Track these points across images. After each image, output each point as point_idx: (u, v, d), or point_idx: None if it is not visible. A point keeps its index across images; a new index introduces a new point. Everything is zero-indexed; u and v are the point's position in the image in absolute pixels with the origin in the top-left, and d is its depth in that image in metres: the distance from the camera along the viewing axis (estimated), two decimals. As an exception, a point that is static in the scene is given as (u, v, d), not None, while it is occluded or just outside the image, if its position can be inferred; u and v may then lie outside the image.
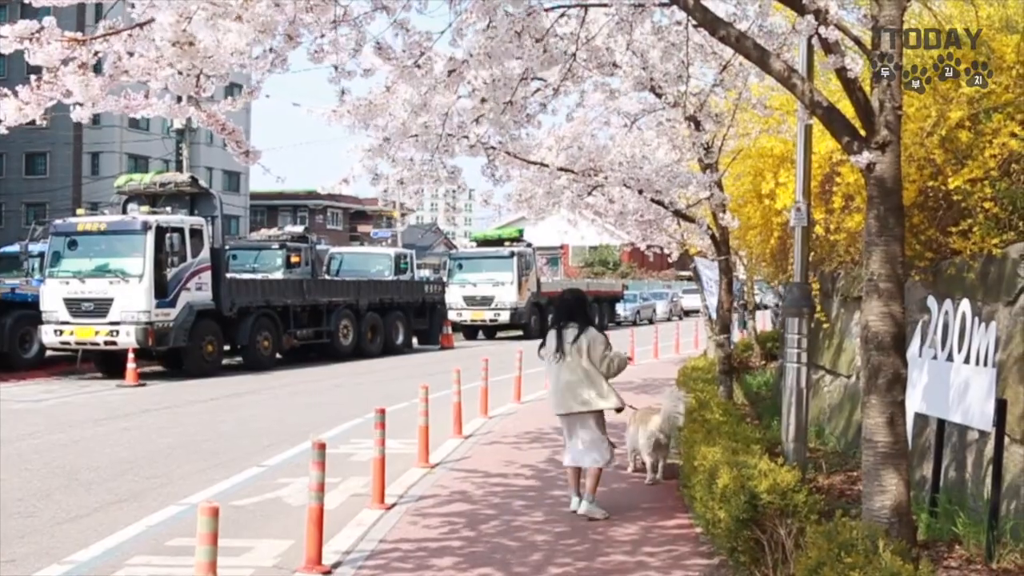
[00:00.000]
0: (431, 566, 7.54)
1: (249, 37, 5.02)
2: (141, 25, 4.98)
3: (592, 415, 9.15)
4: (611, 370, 9.10)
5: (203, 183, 26.65)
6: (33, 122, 5.66)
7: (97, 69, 5.30)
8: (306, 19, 5.11)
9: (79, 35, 4.98)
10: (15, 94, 5.22)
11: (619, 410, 9.32)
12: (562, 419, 9.32)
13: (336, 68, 5.63)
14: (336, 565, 7.57)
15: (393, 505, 9.47)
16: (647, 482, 10.49)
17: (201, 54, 4.88)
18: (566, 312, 9.33)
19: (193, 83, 5.09)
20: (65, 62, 5.01)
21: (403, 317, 31.41)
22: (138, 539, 8.51)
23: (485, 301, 37.59)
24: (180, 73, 4.95)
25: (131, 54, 5.09)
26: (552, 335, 9.22)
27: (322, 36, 5.37)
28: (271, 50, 5.17)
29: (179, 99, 5.92)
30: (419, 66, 6.20)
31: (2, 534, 8.62)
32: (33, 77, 5.21)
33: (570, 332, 9.12)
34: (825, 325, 12.26)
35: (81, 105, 5.33)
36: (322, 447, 7.42)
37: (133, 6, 5.05)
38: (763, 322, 26.24)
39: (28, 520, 9.14)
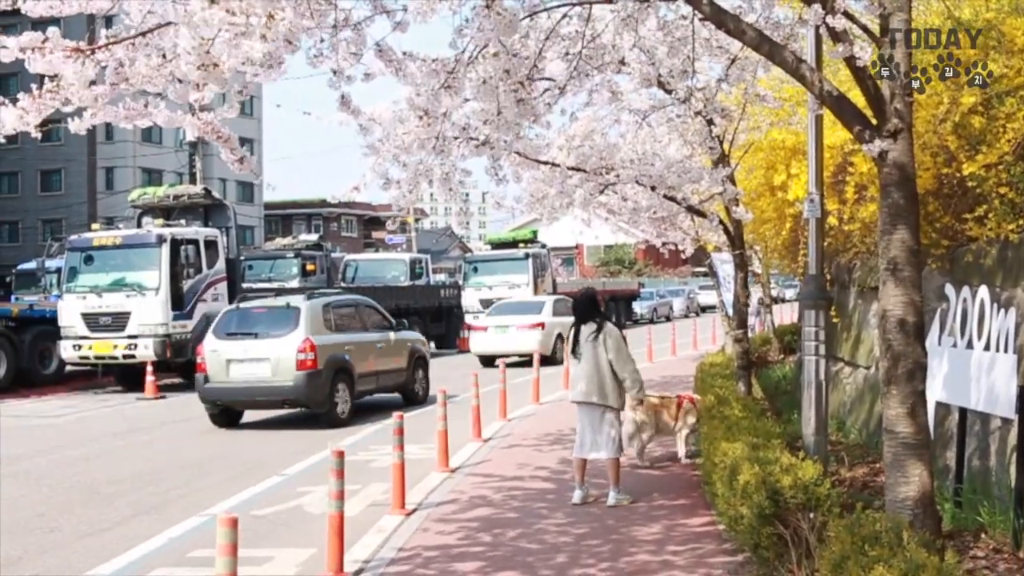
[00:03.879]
0: (453, 571, 7.51)
1: (263, 50, 5.01)
2: (144, 33, 4.97)
3: (600, 409, 9.52)
4: (622, 372, 9.49)
5: (217, 194, 26.75)
6: (46, 137, 5.67)
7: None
8: (305, 23, 5.08)
9: (81, 44, 4.97)
10: (15, 103, 5.22)
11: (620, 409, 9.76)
12: (577, 408, 9.79)
13: (335, 72, 5.62)
14: (358, 572, 7.56)
15: (413, 511, 9.45)
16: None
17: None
18: (581, 312, 9.84)
19: (193, 90, 5.08)
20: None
21: (419, 322, 31.28)
22: (160, 551, 8.52)
23: (502, 303, 37.46)
24: (180, 81, 4.94)
25: (133, 62, 5.08)
26: (571, 334, 9.78)
27: (321, 41, 5.35)
28: (268, 54, 5.15)
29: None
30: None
31: (25, 549, 8.64)
32: (34, 86, 5.20)
33: (586, 329, 9.60)
34: (836, 319, 12.18)
35: (80, 116, 5.32)
36: (341, 455, 7.40)
37: (128, 14, 5.03)
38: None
39: (50, 535, 9.16)
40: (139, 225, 24.44)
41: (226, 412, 16.36)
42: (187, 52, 4.88)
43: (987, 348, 7.46)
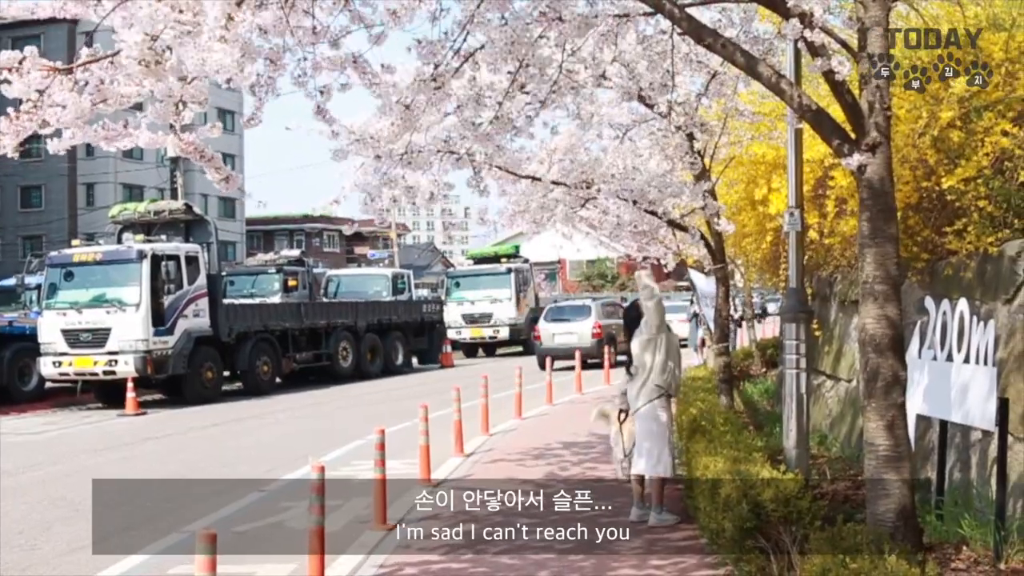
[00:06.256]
0: (435, 586, 7.49)
1: (235, 55, 4.98)
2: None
3: (646, 415, 9.14)
4: (659, 315, 9.14)
5: (198, 210, 26.67)
6: (26, 153, 5.63)
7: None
8: (288, 42, 5.07)
9: (58, 64, 4.94)
10: (-9, 124, 5.20)
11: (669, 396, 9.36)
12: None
13: (321, 92, 5.61)
14: (340, 588, 7.53)
15: (395, 526, 9.39)
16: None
17: (168, 72, 4.83)
18: (631, 326, 9.51)
19: (173, 110, 5.05)
20: (41, 93, 4.97)
21: (402, 337, 31.31)
22: (141, 568, 8.46)
23: (484, 318, 37.38)
24: (160, 101, 4.91)
25: (113, 82, 5.05)
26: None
27: (304, 59, 5.34)
28: (257, 75, 5.13)
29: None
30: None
31: (4, 567, 8.56)
32: (11, 109, 5.17)
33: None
34: (818, 333, 12.20)
35: (59, 136, 5.29)
36: (322, 470, 7.37)
37: (114, 31, 5.01)
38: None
39: (30, 553, 9.09)
40: (119, 241, 24.30)
41: (543, 361, 24.76)
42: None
43: (967, 361, 7.49)
